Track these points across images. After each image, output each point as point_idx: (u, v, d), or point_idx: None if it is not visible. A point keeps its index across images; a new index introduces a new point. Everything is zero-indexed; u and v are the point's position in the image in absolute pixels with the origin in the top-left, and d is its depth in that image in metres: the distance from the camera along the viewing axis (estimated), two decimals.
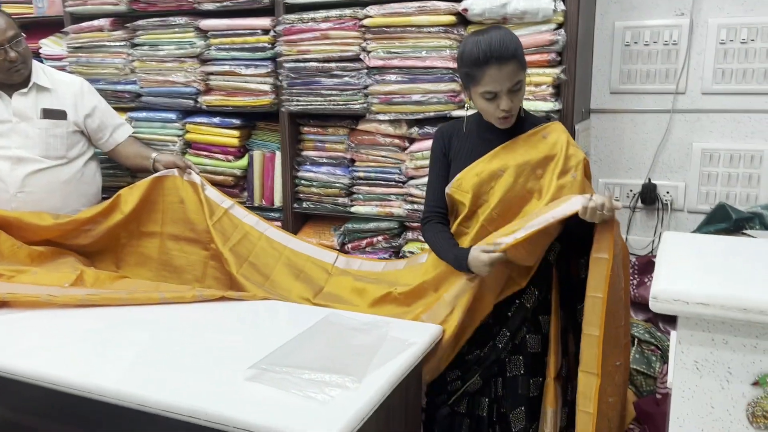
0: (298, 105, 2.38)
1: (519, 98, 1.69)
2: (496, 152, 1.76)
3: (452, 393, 1.80)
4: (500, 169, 1.73)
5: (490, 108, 1.69)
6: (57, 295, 1.78)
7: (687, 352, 1.09)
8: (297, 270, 2.11)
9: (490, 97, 1.67)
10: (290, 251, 2.16)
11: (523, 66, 1.67)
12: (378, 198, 2.39)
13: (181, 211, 2.25)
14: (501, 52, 1.60)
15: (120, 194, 2.26)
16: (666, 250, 1.26)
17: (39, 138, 2.31)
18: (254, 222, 2.22)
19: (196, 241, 2.22)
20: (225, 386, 1.40)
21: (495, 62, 1.61)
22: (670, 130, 2.42)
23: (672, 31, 2.34)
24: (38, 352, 1.58)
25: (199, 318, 1.82)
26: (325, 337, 1.63)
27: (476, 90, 1.68)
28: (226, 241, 2.14)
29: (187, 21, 2.49)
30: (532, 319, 1.77)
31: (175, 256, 2.24)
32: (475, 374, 1.77)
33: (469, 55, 1.66)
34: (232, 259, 2.09)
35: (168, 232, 2.26)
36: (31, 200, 2.29)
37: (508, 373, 1.77)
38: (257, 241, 2.17)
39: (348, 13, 2.24)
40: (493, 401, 1.78)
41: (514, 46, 1.63)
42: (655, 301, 1.06)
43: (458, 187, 1.77)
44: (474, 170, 1.76)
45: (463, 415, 1.79)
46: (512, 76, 1.63)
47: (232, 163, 2.56)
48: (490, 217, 1.74)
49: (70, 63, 2.75)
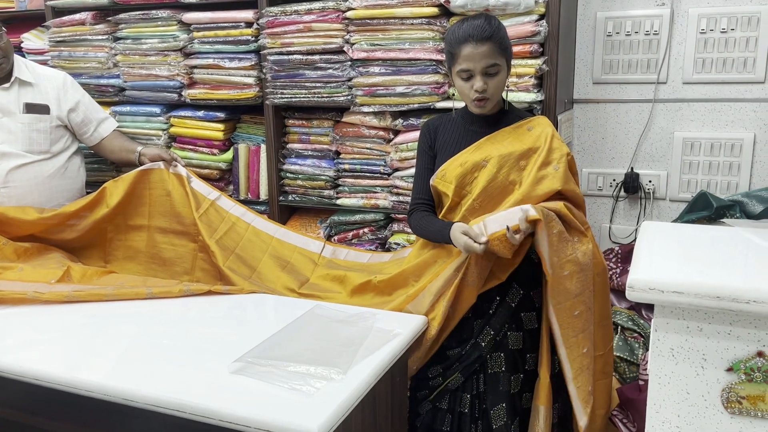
0: (283, 98, 2.38)
1: (495, 83, 1.70)
2: (480, 143, 1.77)
3: (433, 389, 1.81)
4: (484, 159, 1.74)
5: (466, 88, 1.71)
6: (43, 291, 1.78)
7: (663, 340, 1.12)
8: (284, 261, 2.12)
9: (466, 76, 1.70)
10: (277, 241, 2.17)
11: (501, 51, 1.69)
12: (363, 190, 2.40)
13: (168, 203, 2.25)
14: (478, 33, 1.67)
15: (105, 187, 2.25)
16: (644, 240, 1.29)
17: (22, 133, 2.30)
18: (241, 213, 2.22)
19: (185, 234, 2.22)
20: (211, 380, 1.41)
21: (472, 41, 1.67)
22: (652, 120, 2.45)
23: (653, 21, 2.36)
24: (24, 349, 1.58)
25: (186, 312, 1.82)
26: (310, 330, 1.64)
27: (454, 69, 1.72)
28: (212, 234, 2.14)
29: (170, 14, 2.48)
30: (515, 315, 1.79)
31: (164, 249, 2.24)
32: (456, 371, 1.78)
33: (451, 35, 1.73)
34: (219, 252, 2.10)
35: (155, 225, 2.25)
36: (14, 195, 2.27)
37: (489, 369, 1.78)
38: (244, 233, 2.17)
39: (331, 6, 2.24)
40: (474, 397, 1.79)
41: (494, 30, 1.68)
42: (632, 291, 1.09)
43: (442, 178, 1.79)
44: (458, 161, 1.77)
45: (445, 411, 1.81)
46: (487, 56, 1.67)
47: (217, 156, 2.56)
48: (472, 207, 1.75)
49: (52, 57, 2.73)
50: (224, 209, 2.21)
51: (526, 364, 1.80)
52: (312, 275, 2.08)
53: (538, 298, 1.81)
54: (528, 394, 1.80)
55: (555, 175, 1.70)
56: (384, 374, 1.49)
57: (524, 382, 1.79)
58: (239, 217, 2.20)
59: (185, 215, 2.21)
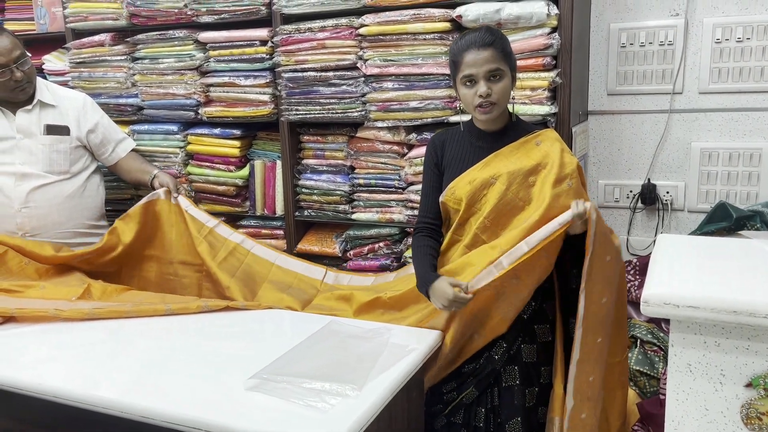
0: (297, 114, 2.41)
1: (499, 88, 1.69)
2: (488, 160, 1.76)
3: (448, 403, 1.80)
4: (492, 177, 1.73)
5: (470, 95, 1.71)
6: (64, 309, 1.81)
7: (680, 355, 1.10)
8: (285, 286, 2.13)
9: (469, 84, 1.70)
10: (277, 268, 2.18)
11: (504, 56, 1.70)
12: (378, 204, 2.40)
13: (173, 234, 2.28)
14: (480, 40, 1.69)
15: (115, 227, 2.27)
16: (659, 253, 1.28)
17: (42, 154, 2.35)
18: (240, 240, 2.23)
19: (189, 264, 2.25)
20: (227, 396, 1.42)
21: (474, 47, 1.69)
22: (669, 130, 2.43)
23: (667, 32, 2.35)
24: (42, 365, 1.60)
25: (202, 327, 1.84)
26: (326, 345, 1.64)
27: (458, 78, 1.73)
28: (214, 257, 2.16)
29: (186, 34, 2.52)
30: (527, 328, 1.78)
31: (171, 279, 2.28)
32: (471, 385, 1.77)
33: (453, 46, 1.76)
34: (221, 275, 2.12)
35: (163, 256, 2.29)
36: (35, 215, 2.32)
37: (503, 383, 1.77)
38: (244, 258, 2.19)
39: (344, 23, 2.26)
40: (489, 411, 1.78)
41: (495, 38, 1.70)
42: (647, 305, 1.07)
43: (451, 196, 1.78)
44: (466, 178, 1.76)
45: (460, 426, 1.80)
46: (489, 61, 1.67)
47: (233, 173, 2.59)
48: (483, 225, 1.74)
49: (72, 78, 2.78)
50: (223, 236, 2.23)
51: (541, 378, 1.79)
52: (315, 299, 2.09)
53: (552, 310, 1.79)
54: (543, 408, 1.78)
55: (569, 192, 1.69)
56: (399, 390, 1.48)
57: (539, 396, 1.78)
58: (238, 243, 2.22)
59: (188, 245, 2.24)
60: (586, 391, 1.66)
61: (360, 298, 1.94)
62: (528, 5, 2.02)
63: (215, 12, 2.45)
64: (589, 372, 1.65)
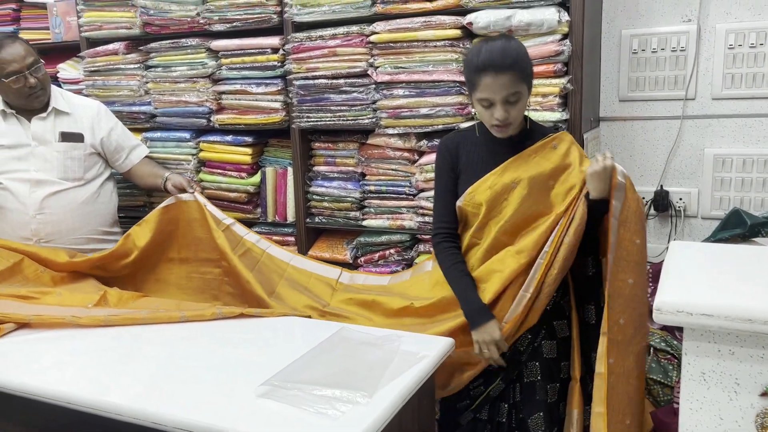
0: (309, 121, 2.42)
1: (516, 109, 1.68)
2: (507, 165, 1.76)
3: (475, 398, 1.81)
4: (513, 181, 1.74)
5: (486, 115, 1.71)
6: (81, 316, 1.82)
7: (693, 364, 1.09)
8: (301, 287, 2.13)
9: (486, 104, 1.68)
10: (292, 268, 2.18)
11: (523, 78, 1.67)
12: (389, 211, 2.40)
13: (190, 233, 2.29)
14: (498, 62, 1.62)
15: (130, 234, 2.28)
16: (672, 261, 1.27)
17: (57, 161, 2.37)
18: (255, 239, 2.24)
19: (208, 260, 2.25)
20: (238, 403, 1.42)
21: (491, 70, 1.63)
22: (681, 137, 2.41)
23: (680, 38, 2.34)
24: (54, 371, 1.61)
25: (213, 333, 1.84)
26: (336, 352, 1.64)
27: (474, 96, 1.71)
28: (233, 250, 2.17)
29: (199, 42, 2.54)
30: (548, 323, 1.78)
31: (192, 278, 2.28)
32: (497, 378, 1.78)
33: (470, 61, 1.70)
34: (242, 268, 2.13)
35: (181, 256, 2.30)
36: (49, 221, 2.34)
37: (525, 379, 1.79)
38: (259, 257, 2.19)
39: (355, 30, 2.27)
40: (512, 407, 1.80)
41: (514, 58, 1.64)
42: (659, 313, 1.07)
43: (470, 200, 1.79)
44: (486, 183, 1.77)
45: (485, 422, 1.82)
46: (508, 87, 1.64)
47: (245, 180, 2.60)
48: (504, 229, 1.76)
49: (86, 86, 2.82)
50: (239, 234, 2.24)
51: (561, 373, 1.80)
52: (332, 300, 2.08)
53: (567, 306, 1.81)
54: (564, 403, 1.80)
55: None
56: (410, 397, 1.48)
57: (561, 392, 1.79)
58: (254, 243, 2.22)
59: (207, 240, 2.25)
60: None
61: (387, 304, 1.93)
62: (539, 12, 2.02)
63: (227, 20, 2.47)
64: (612, 350, 1.64)
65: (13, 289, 1.95)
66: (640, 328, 1.66)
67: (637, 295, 1.64)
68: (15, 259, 2.06)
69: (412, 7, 2.18)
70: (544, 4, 2.03)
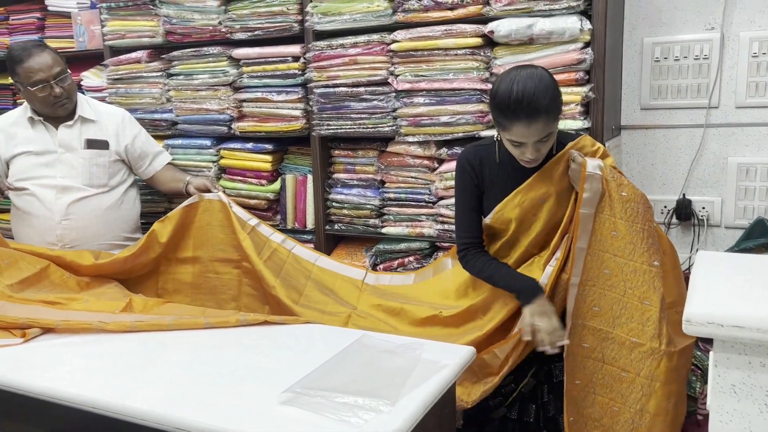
0: (329, 129, 2.43)
1: (547, 146, 1.67)
2: (534, 180, 1.74)
3: (506, 396, 1.82)
4: (542, 197, 1.73)
5: (515, 152, 1.69)
6: (108, 321, 1.84)
7: (724, 376, 1.07)
8: (327, 290, 2.14)
9: (517, 144, 1.65)
10: (318, 269, 2.19)
11: (555, 118, 1.63)
12: (408, 219, 2.40)
13: (211, 233, 2.30)
14: (531, 109, 1.55)
15: (153, 230, 2.30)
16: (700, 271, 1.25)
17: (82, 167, 2.40)
18: (281, 239, 2.24)
19: (228, 261, 2.26)
20: (261, 409, 1.42)
21: (524, 117, 1.56)
22: (704, 145, 2.39)
23: (703, 46, 2.32)
24: (79, 376, 1.62)
25: (236, 339, 1.85)
26: (358, 360, 1.64)
27: (504, 135, 1.68)
28: (259, 254, 2.17)
29: (220, 50, 2.57)
30: None
31: (210, 278, 2.29)
32: (527, 375, 1.79)
33: (500, 102, 1.61)
34: (267, 274, 2.13)
35: (200, 256, 2.31)
36: (75, 227, 2.37)
37: (554, 378, 1.80)
38: (286, 258, 2.19)
39: (375, 39, 2.28)
40: (539, 407, 1.80)
41: (547, 101, 1.56)
42: (689, 324, 1.05)
43: (499, 218, 1.78)
44: (514, 201, 1.75)
45: (515, 421, 1.82)
46: (541, 131, 1.60)
47: (265, 187, 2.62)
48: (534, 242, 1.77)
49: (109, 94, 2.85)
50: (265, 235, 2.24)
51: None
52: (358, 303, 2.08)
53: None
54: None
55: None
56: (432, 406, 1.47)
57: None
58: (279, 243, 2.23)
59: (228, 241, 2.25)
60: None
61: (414, 313, 1.93)
62: (561, 20, 2.02)
63: (249, 29, 2.50)
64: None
65: (41, 294, 1.97)
66: (623, 321, 1.65)
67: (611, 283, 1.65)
68: (41, 265, 2.09)
69: (433, 16, 2.18)
70: (566, 13, 2.03)
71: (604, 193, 1.64)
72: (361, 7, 2.26)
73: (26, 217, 2.40)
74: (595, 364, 1.69)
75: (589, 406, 1.71)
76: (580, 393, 1.71)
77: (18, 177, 2.39)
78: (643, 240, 1.61)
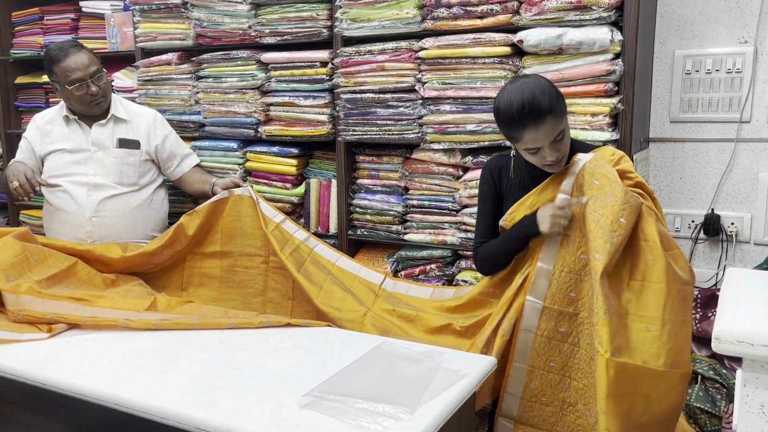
0: (354, 135, 2.44)
1: (564, 144, 1.67)
2: (546, 184, 1.75)
3: None
4: (552, 200, 1.72)
5: (535, 159, 1.69)
6: (133, 319, 1.87)
7: (752, 396, 1.05)
8: (345, 288, 2.14)
9: (534, 151, 1.66)
10: (338, 269, 2.19)
11: (561, 115, 1.63)
12: (431, 226, 2.40)
13: (239, 227, 2.32)
14: (535, 112, 1.58)
15: (181, 223, 2.32)
16: (729, 288, 1.23)
17: (114, 166, 2.45)
18: (304, 237, 2.24)
19: (255, 255, 2.28)
20: (280, 412, 1.42)
21: (531, 122, 1.59)
22: (735, 160, 2.35)
23: (735, 59, 2.29)
24: (102, 372, 1.65)
25: (256, 341, 1.86)
26: (377, 366, 1.64)
27: (519, 147, 1.69)
28: (282, 249, 2.19)
29: (249, 54, 2.59)
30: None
31: (237, 272, 2.31)
32: None
33: (503, 116, 1.64)
34: (291, 264, 2.14)
35: (228, 250, 2.33)
36: (104, 224, 2.41)
37: None
38: (306, 257, 2.20)
39: (404, 46, 2.29)
40: None
41: (547, 100, 1.59)
42: (718, 343, 1.03)
43: (511, 221, 1.79)
44: (526, 203, 1.76)
45: None
46: (552, 131, 1.61)
47: (289, 190, 2.63)
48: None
49: (139, 95, 2.90)
50: (289, 232, 2.25)
51: None
52: (373, 306, 2.08)
53: None
54: None
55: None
56: (452, 416, 1.46)
57: None
58: (302, 241, 2.23)
59: (255, 236, 2.27)
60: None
61: (428, 321, 1.93)
62: (591, 31, 2.00)
63: (278, 33, 2.52)
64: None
65: (68, 291, 2.01)
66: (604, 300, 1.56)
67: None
68: (69, 262, 2.12)
69: (462, 24, 2.18)
70: (597, 23, 2.02)
71: (579, 181, 1.65)
72: (390, 14, 2.27)
73: (58, 213, 2.45)
74: (570, 348, 1.68)
75: (564, 390, 1.70)
76: (555, 377, 1.71)
77: (52, 174, 2.44)
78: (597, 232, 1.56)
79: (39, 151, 2.48)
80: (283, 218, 2.29)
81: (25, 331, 1.83)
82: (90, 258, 2.20)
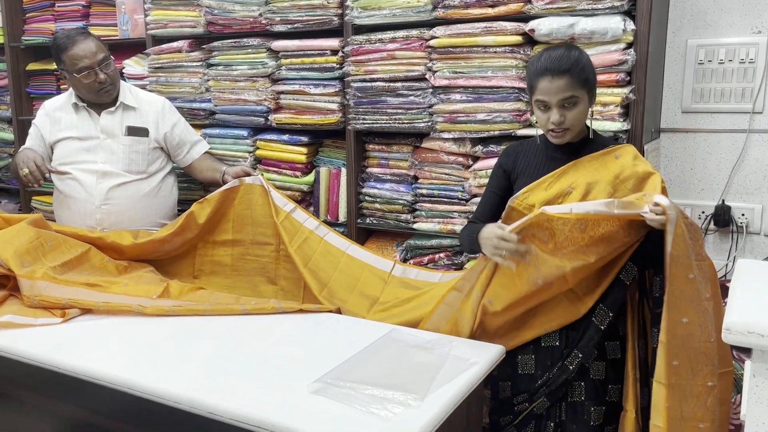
0: (364, 123, 2.44)
1: (573, 114, 1.68)
2: (565, 170, 1.76)
3: (519, 414, 1.79)
4: (569, 186, 1.72)
5: (543, 119, 1.72)
6: (147, 305, 1.90)
7: (762, 386, 1.06)
8: (353, 280, 2.14)
9: (543, 108, 1.71)
10: (347, 257, 2.20)
11: (581, 82, 1.67)
12: (440, 215, 2.40)
13: (250, 216, 2.33)
14: (556, 65, 1.66)
15: (192, 211, 2.33)
16: (740, 279, 1.23)
17: (123, 154, 2.46)
18: (314, 226, 2.25)
19: (266, 244, 2.29)
20: (291, 398, 1.44)
21: (548, 74, 1.66)
22: (747, 151, 2.34)
23: (749, 49, 2.27)
24: (117, 357, 1.67)
25: (268, 327, 1.88)
26: (387, 354, 1.66)
27: (533, 99, 1.73)
28: (291, 241, 2.20)
29: (260, 42, 2.59)
30: (599, 344, 1.75)
31: (249, 260, 2.32)
32: (542, 395, 1.76)
33: (531, 66, 1.75)
34: (298, 259, 2.16)
35: (239, 239, 2.34)
36: (113, 212, 2.43)
37: (569, 398, 1.75)
38: (317, 247, 2.21)
39: (414, 34, 2.28)
40: (557, 426, 1.76)
41: (571, 63, 1.66)
42: (728, 333, 1.04)
43: (523, 200, 1.78)
44: (542, 185, 1.76)
45: None
46: (563, 90, 1.65)
47: (299, 178, 2.64)
48: None
49: (150, 82, 2.90)
50: (299, 222, 2.26)
51: (607, 396, 1.76)
52: (381, 294, 2.09)
53: (623, 326, 1.76)
54: (609, 427, 1.75)
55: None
56: (461, 404, 1.48)
57: (606, 415, 1.74)
58: (312, 230, 2.24)
59: (266, 224, 2.28)
60: (702, 396, 1.55)
61: (432, 294, 1.97)
62: (603, 20, 1.99)
63: (289, 21, 2.52)
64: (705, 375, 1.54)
65: (82, 277, 2.03)
66: (699, 368, 1.54)
67: (692, 334, 1.54)
68: (83, 248, 2.15)
69: (474, 13, 2.17)
70: (609, 13, 2.00)
71: (675, 239, 1.55)
72: (401, 2, 2.26)
73: (67, 201, 2.47)
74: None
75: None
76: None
77: (61, 161, 2.46)
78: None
79: (48, 138, 2.49)
80: (293, 207, 2.30)
81: (38, 315, 1.86)
82: (102, 245, 2.22)
